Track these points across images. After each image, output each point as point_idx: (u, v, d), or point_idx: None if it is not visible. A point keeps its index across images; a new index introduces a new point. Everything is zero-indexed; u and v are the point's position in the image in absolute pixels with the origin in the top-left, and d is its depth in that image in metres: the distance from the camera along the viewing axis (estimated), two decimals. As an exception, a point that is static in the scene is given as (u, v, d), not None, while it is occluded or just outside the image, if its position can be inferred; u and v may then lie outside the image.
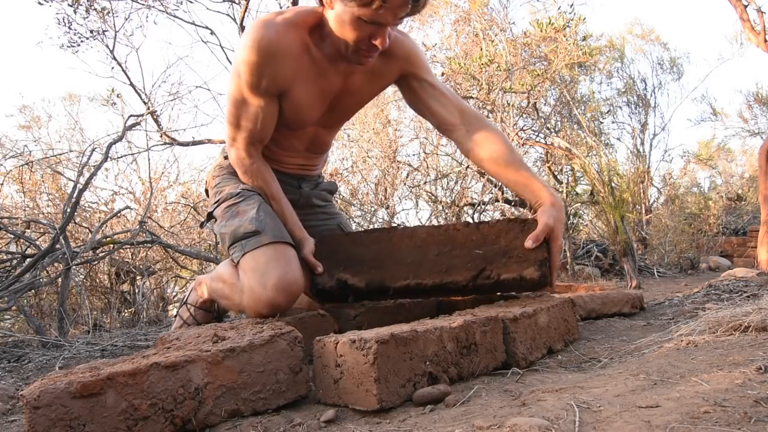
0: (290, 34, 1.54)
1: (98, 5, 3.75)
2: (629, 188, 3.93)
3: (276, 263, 1.54)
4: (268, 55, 1.52)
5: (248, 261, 1.57)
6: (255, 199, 1.69)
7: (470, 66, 4.48)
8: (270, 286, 1.51)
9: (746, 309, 1.44)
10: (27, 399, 0.93)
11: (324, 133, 1.87)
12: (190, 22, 4.00)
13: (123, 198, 4.52)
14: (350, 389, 1.10)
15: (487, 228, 1.57)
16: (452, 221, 5.17)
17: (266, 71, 1.55)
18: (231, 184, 1.77)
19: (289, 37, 1.54)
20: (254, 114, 1.64)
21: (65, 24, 3.73)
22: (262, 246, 1.57)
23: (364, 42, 1.48)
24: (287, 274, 1.53)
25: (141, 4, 3.85)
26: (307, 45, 1.58)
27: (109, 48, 3.85)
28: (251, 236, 1.59)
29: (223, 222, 1.69)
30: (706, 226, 5.78)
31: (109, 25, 3.83)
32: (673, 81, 8.77)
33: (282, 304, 1.53)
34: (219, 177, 1.84)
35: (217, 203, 1.76)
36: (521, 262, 1.50)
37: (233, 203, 1.70)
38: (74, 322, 2.92)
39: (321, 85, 1.65)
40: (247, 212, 1.64)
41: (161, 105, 4.16)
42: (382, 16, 1.41)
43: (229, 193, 1.74)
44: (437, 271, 1.57)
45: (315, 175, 2.00)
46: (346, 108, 1.79)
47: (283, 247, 1.59)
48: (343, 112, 1.81)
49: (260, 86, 1.58)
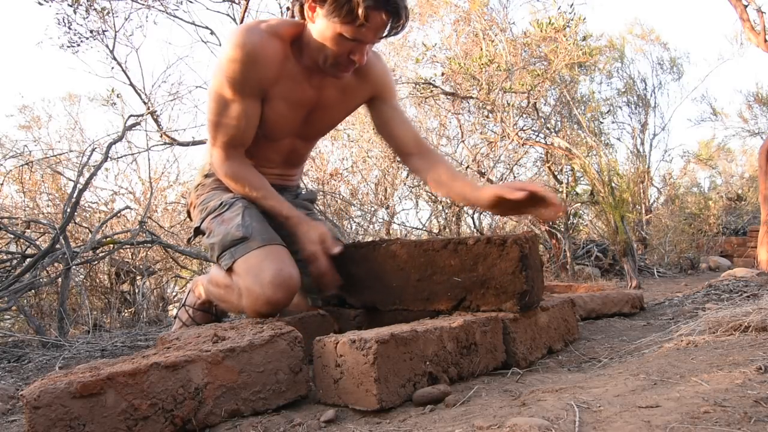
0: (272, 41, 1.57)
1: (98, 5, 3.75)
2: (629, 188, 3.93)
3: (269, 261, 1.55)
4: (251, 57, 1.54)
5: (241, 265, 1.57)
6: (239, 205, 1.70)
7: (470, 66, 4.48)
8: (266, 283, 1.51)
9: (746, 309, 1.44)
10: (27, 399, 0.93)
11: (301, 146, 1.89)
12: (190, 22, 4.00)
13: (123, 198, 4.52)
14: (350, 389, 1.10)
15: (465, 250, 1.46)
16: (452, 221, 5.17)
17: (250, 72, 1.56)
18: (214, 199, 1.77)
19: (272, 44, 1.57)
20: (236, 114, 1.62)
21: (65, 24, 3.73)
22: (252, 251, 1.58)
23: (343, 57, 1.54)
24: (282, 270, 1.53)
25: (141, 4, 3.85)
26: (287, 54, 1.61)
27: (109, 48, 3.84)
28: (239, 243, 1.60)
29: (211, 233, 1.70)
30: (706, 226, 5.78)
31: (109, 25, 3.82)
32: (673, 81, 8.77)
33: (281, 300, 1.52)
34: (203, 195, 1.83)
35: (202, 219, 1.77)
36: (499, 294, 1.42)
37: (218, 214, 1.71)
38: (74, 322, 2.92)
39: (298, 95, 1.68)
40: (233, 219, 1.65)
41: (161, 105, 4.15)
42: (363, 34, 1.48)
43: (214, 206, 1.75)
44: (420, 299, 1.53)
45: (294, 186, 2.03)
46: (320, 122, 1.82)
47: (274, 247, 1.60)
48: (318, 126, 1.84)
49: (244, 87, 1.59)
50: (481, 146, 5.26)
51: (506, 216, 4.65)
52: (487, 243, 1.44)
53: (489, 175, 4.97)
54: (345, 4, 1.42)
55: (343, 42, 1.50)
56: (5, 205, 4.06)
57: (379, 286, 1.62)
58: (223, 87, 1.60)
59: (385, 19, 1.46)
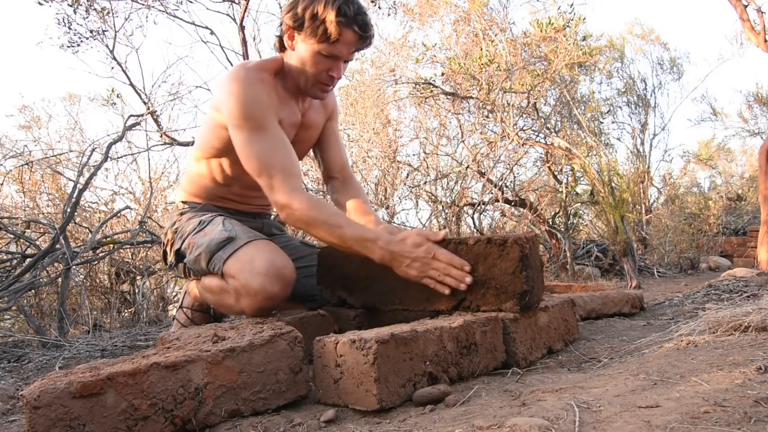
0: (261, 74, 1.67)
1: (98, 5, 3.75)
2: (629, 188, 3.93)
3: (260, 254, 1.55)
4: (255, 86, 1.61)
5: (232, 265, 1.57)
6: (218, 219, 1.74)
7: (470, 66, 4.48)
8: (261, 274, 1.51)
9: (746, 309, 1.44)
10: (27, 399, 0.93)
11: None
12: (190, 22, 4.00)
13: (123, 198, 4.52)
14: (350, 389, 1.10)
15: (465, 250, 1.46)
16: (452, 221, 5.17)
17: (262, 99, 1.61)
18: (192, 222, 1.78)
19: (262, 76, 1.66)
20: (277, 143, 1.58)
21: (65, 24, 3.73)
22: (241, 248, 1.58)
23: (323, 75, 1.67)
24: (275, 260, 1.54)
25: (141, 4, 3.85)
26: (274, 84, 1.71)
27: (109, 48, 3.84)
28: (226, 244, 1.61)
29: (193, 246, 1.70)
30: (706, 226, 5.78)
31: (109, 25, 3.82)
32: (673, 81, 8.76)
33: (277, 292, 1.52)
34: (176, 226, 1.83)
35: (183, 240, 1.76)
36: (500, 294, 1.41)
37: (199, 230, 1.72)
38: (74, 322, 2.92)
39: (289, 121, 1.75)
40: (215, 228, 1.69)
41: (161, 105, 4.15)
42: (339, 50, 1.62)
43: (193, 226, 1.75)
44: (420, 299, 1.53)
45: (269, 213, 2.10)
46: (305, 142, 1.90)
47: (261, 241, 1.62)
48: (302, 146, 1.89)
49: (268, 115, 1.60)
50: (481, 146, 5.26)
51: None
52: (488, 243, 1.43)
53: (489, 175, 4.97)
54: (320, 24, 1.56)
55: (322, 60, 1.64)
56: (5, 205, 4.06)
57: (379, 286, 1.62)
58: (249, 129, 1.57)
59: (357, 34, 1.60)
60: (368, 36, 1.63)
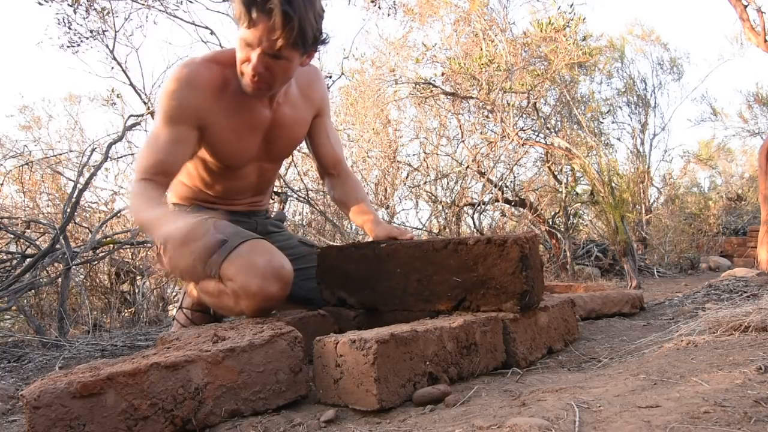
0: (209, 69, 1.60)
1: (98, 5, 3.74)
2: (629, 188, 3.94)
3: (257, 255, 1.53)
4: (186, 85, 1.57)
5: (228, 267, 1.55)
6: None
7: (470, 66, 4.48)
8: (259, 275, 1.49)
9: (746, 309, 1.44)
10: (27, 399, 0.93)
11: (268, 168, 1.90)
12: (190, 22, 3.99)
13: (123, 198, 4.52)
14: (350, 389, 1.10)
15: (465, 250, 1.46)
16: (452, 221, 5.17)
17: (184, 99, 1.57)
18: None
19: (208, 72, 1.59)
20: (164, 141, 1.58)
21: (65, 24, 3.72)
22: (235, 249, 1.56)
23: (244, 65, 1.54)
24: (272, 260, 1.52)
25: (141, 4, 3.84)
26: (227, 79, 1.61)
27: (109, 48, 3.84)
28: (220, 246, 1.58)
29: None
30: (706, 226, 5.78)
31: (109, 25, 3.82)
32: (673, 81, 8.75)
33: (276, 292, 1.51)
34: None
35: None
36: (499, 294, 1.41)
37: None
38: (74, 322, 2.92)
39: (247, 118, 1.68)
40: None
41: (161, 105, 4.14)
42: (252, 37, 1.46)
43: None
44: (421, 299, 1.53)
45: (263, 210, 2.06)
46: (281, 141, 1.83)
47: (256, 240, 1.60)
48: (280, 146, 1.84)
49: (175, 115, 1.58)
50: (481, 146, 5.26)
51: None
52: (488, 243, 1.43)
53: (489, 175, 4.97)
54: (236, 6, 1.45)
55: (242, 48, 1.51)
56: (5, 205, 4.06)
57: (379, 286, 1.62)
58: (157, 119, 1.60)
59: (265, 20, 1.42)
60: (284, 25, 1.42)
